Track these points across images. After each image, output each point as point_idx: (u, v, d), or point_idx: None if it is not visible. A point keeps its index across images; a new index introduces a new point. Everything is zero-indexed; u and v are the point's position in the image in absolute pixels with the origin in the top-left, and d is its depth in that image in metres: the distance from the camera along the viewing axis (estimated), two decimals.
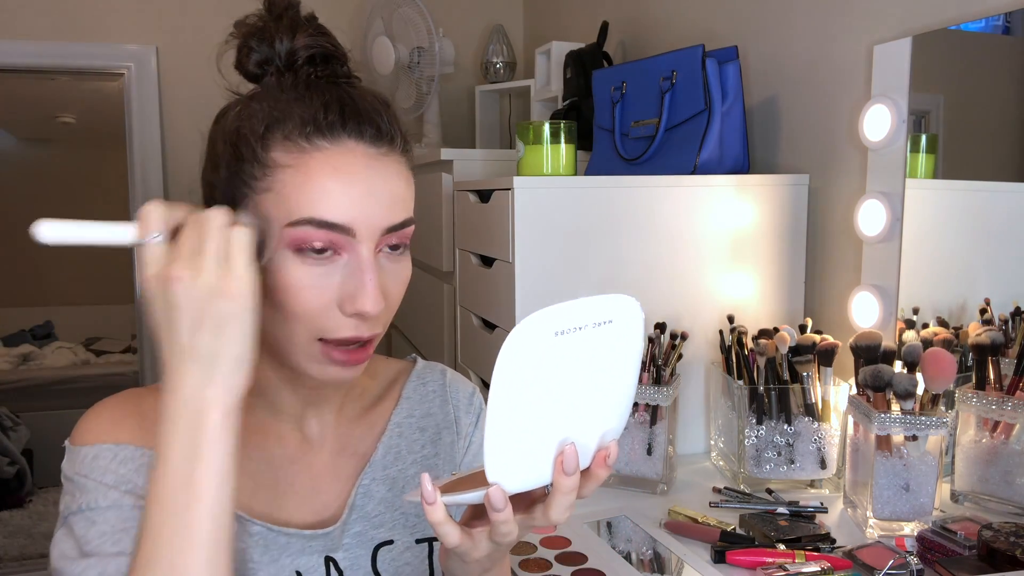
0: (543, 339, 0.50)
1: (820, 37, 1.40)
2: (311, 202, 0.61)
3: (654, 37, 2.00)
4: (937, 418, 0.97)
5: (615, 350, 0.54)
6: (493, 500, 0.52)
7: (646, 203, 1.31)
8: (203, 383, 0.56)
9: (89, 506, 0.64)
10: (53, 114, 4.62)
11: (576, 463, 0.53)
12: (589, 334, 0.52)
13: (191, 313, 0.56)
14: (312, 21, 0.69)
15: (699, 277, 1.35)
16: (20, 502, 3.51)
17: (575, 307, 0.51)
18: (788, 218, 1.39)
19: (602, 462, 0.56)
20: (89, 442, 0.67)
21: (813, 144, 1.42)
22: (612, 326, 0.53)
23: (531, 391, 0.50)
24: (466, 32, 2.88)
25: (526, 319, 0.50)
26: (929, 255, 1.22)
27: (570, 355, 0.51)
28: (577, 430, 0.54)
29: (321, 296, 0.63)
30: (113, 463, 0.66)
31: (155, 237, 0.58)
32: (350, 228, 0.62)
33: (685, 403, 1.34)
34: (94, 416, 0.69)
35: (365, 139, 0.65)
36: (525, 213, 1.27)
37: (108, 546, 0.62)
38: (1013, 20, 1.09)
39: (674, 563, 0.97)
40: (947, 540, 0.91)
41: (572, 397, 0.53)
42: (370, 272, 0.62)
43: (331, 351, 0.64)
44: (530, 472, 0.53)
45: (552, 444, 0.53)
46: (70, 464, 0.67)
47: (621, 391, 0.56)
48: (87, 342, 4.87)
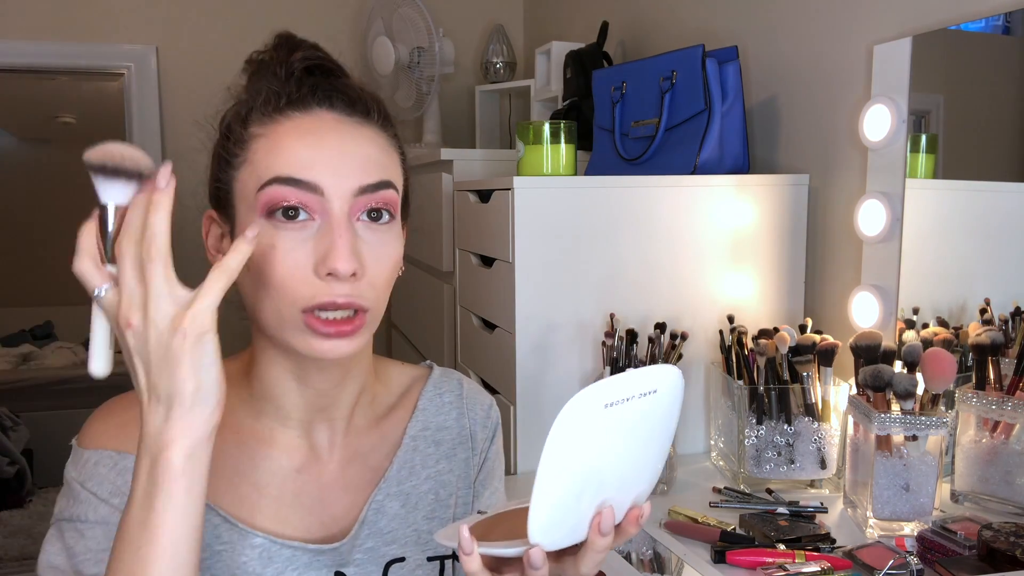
0: (594, 411, 0.52)
1: (820, 37, 1.40)
2: (280, 163, 0.63)
3: (654, 37, 2.00)
4: (937, 418, 0.97)
5: (657, 417, 0.57)
6: (534, 560, 0.54)
7: (646, 203, 1.31)
8: (162, 423, 0.56)
9: (80, 518, 0.65)
10: (53, 114, 4.62)
11: (612, 525, 0.56)
12: (635, 404, 0.54)
13: (144, 356, 0.56)
14: (311, 44, 0.71)
15: (699, 277, 1.35)
16: (20, 502, 3.50)
17: (625, 380, 0.54)
18: (788, 218, 1.39)
19: (635, 521, 0.58)
20: (93, 446, 0.67)
21: (813, 144, 1.42)
22: (656, 396, 0.56)
23: (579, 460, 0.53)
24: (466, 32, 2.88)
25: (581, 392, 0.52)
26: (929, 255, 1.22)
27: (616, 425, 0.54)
28: (616, 492, 0.56)
29: (296, 261, 0.62)
30: (111, 472, 0.65)
31: (99, 293, 0.58)
32: (317, 186, 0.62)
33: (685, 403, 1.33)
34: (102, 418, 0.69)
35: (336, 108, 0.66)
36: (525, 213, 1.27)
37: (90, 566, 0.63)
38: (1013, 20, 1.09)
39: (674, 563, 0.97)
40: (947, 540, 0.91)
41: (615, 463, 0.55)
42: (343, 231, 0.62)
43: (314, 322, 0.62)
44: (569, 532, 0.56)
45: (592, 506, 0.55)
46: (72, 466, 0.67)
47: (659, 455, 0.59)
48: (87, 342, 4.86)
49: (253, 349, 0.72)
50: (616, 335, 1.21)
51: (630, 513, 0.58)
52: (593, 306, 1.30)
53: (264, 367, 0.70)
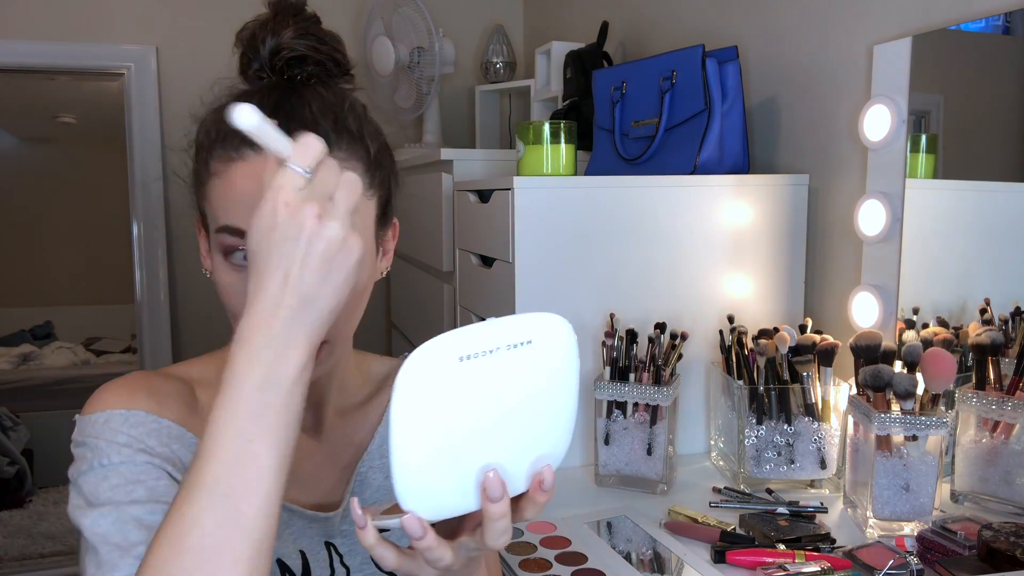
0: (445, 365, 0.48)
1: (820, 37, 1.40)
2: (227, 210, 0.64)
3: (654, 37, 2.00)
4: (937, 418, 0.97)
5: (541, 372, 0.53)
6: (408, 528, 0.51)
7: (646, 203, 1.31)
8: (295, 318, 0.53)
9: (100, 463, 0.64)
10: (53, 114, 4.61)
11: (501, 490, 0.52)
12: (503, 357, 0.50)
13: (308, 249, 0.52)
14: (303, 20, 0.69)
15: (699, 277, 1.35)
16: (20, 502, 3.50)
17: (483, 329, 0.50)
18: (788, 218, 1.39)
19: (538, 487, 0.55)
20: (100, 409, 0.67)
21: (813, 144, 1.42)
22: (532, 347, 0.52)
23: (437, 418, 0.49)
24: (466, 32, 2.88)
25: (424, 345, 0.48)
26: (929, 255, 1.22)
27: (483, 379, 0.50)
28: (502, 455, 0.52)
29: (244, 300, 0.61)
30: (124, 425, 0.66)
31: (304, 170, 0.54)
32: None
33: (685, 403, 1.34)
34: (105, 389, 0.69)
35: None
36: (525, 213, 1.27)
37: (121, 495, 0.62)
38: (1013, 20, 1.09)
39: (674, 563, 0.97)
40: (947, 540, 0.91)
41: (492, 422, 0.51)
42: None
43: None
44: (449, 499, 0.52)
45: (472, 470, 0.52)
46: (80, 431, 0.67)
47: (556, 413, 0.55)
48: (87, 342, 4.87)
49: None
50: (616, 335, 1.21)
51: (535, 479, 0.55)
52: (593, 306, 1.30)
53: None
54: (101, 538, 0.60)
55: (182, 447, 0.68)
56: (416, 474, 0.50)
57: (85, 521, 0.61)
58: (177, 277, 2.78)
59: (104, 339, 4.93)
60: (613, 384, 1.19)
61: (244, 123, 0.51)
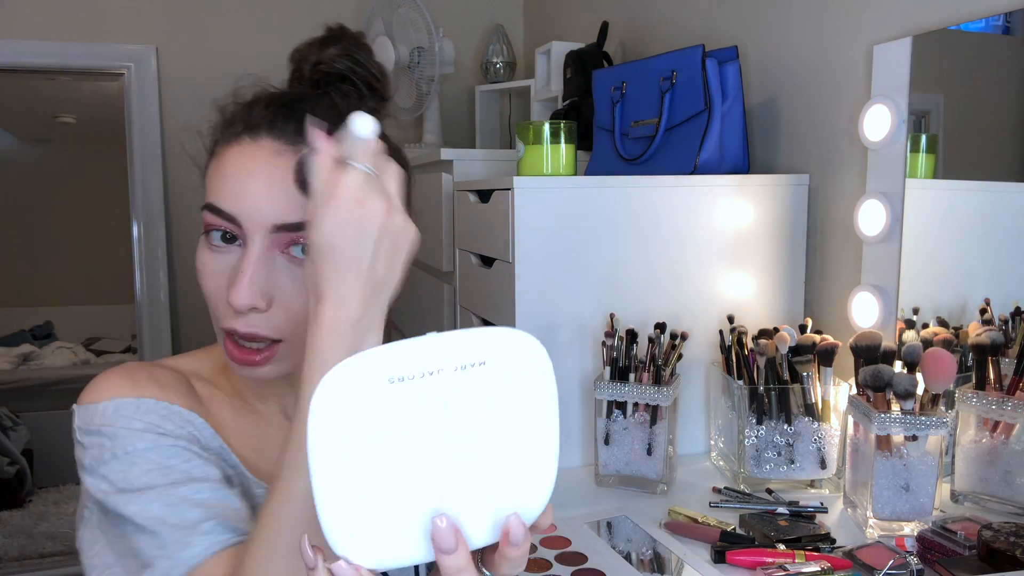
0: (369, 386, 0.42)
1: (820, 37, 1.40)
2: (213, 189, 0.66)
3: (654, 37, 2.00)
4: (937, 418, 0.97)
5: (500, 401, 0.44)
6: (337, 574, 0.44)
7: (646, 203, 1.31)
8: (371, 305, 0.57)
9: (125, 451, 0.64)
10: (53, 114, 4.61)
11: (452, 540, 0.43)
12: (448, 380, 0.43)
13: (379, 242, 0.57)
14: (350, 44, 0.72)
15: (699, 277, 1.35)
16: (20, 502, 3.50)
17: (419, 346, 0.43)
18: (788, 218, 1.39)
19: (506, 540, 0.45)
20: (106, 397, 0.67)
21: (813, 144, 1.42)
22: (486, 370, 0.44)
23: (362, 449, 0.42)
24: (466, 32, 2.88)
25: (345, 361, 0.42)
26: (929, 255, 1.22)
27: (421, 406, 0.43)
28: (456, 500, 0.44)
29: (217, 283, 0.66)
30: (137, 413, 0.66)
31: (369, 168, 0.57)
32: (235, 218, 0.64)
33: (685, 403, 1.34)
34: (106, 378, 0.69)
35: (283, 137, 0.67)
36: (525, 213, 1.27)
37: (158, 479, 0.63)
38: (1013, 20, 1.09)
39: (674, 563, 0.97)
40: (947, 540, 0.91)
41: (439, 459, 0.44)
42: (248, 265, 0.63)
43: (229, 345, 0.66)
44: (393, 547, 0.44)
45: (418, 516, 0.44)
46: (87, 420, 0.67)
47: (525, 453, 0.45)
48: (87, 342, 4.87)
49: None
50: (616, 335, 1.21)
51: (504, 529, 0.45)
52: (593, 306, 1.30)
53: None
54: (158, 521, 0.61)
55: (195, 430, 0.69)
56: (343, 514, 0.43)
57: (131, 508, 0.62)
58: (177, 277, 2.78)
59: (104, 339, 4.93)
60: (613, 384, 1.19)
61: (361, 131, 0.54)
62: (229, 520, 0.63)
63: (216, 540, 0.61)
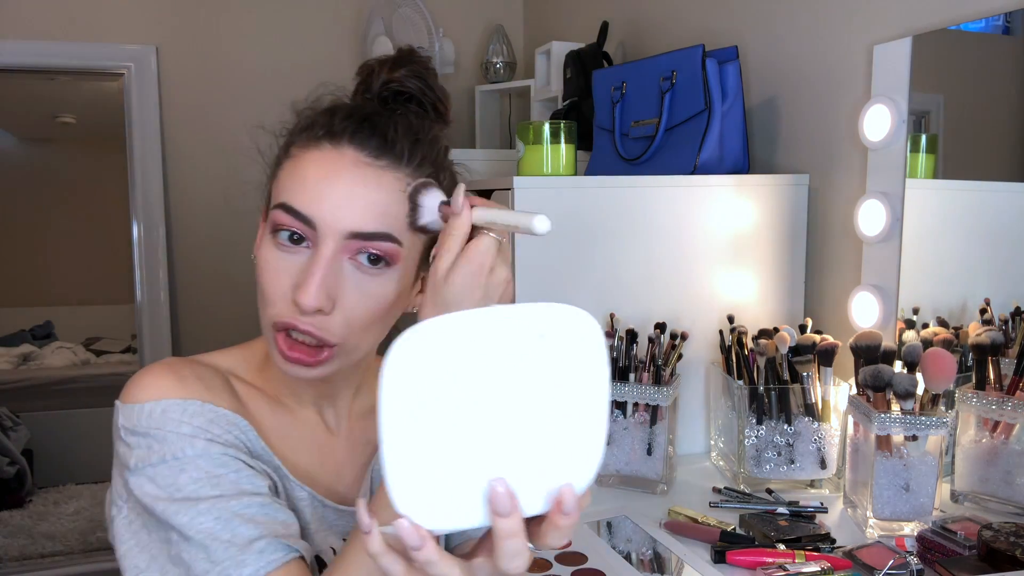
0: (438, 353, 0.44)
1: (820, 37, 1.39)
2: (289, 189, 0.67)
3: (654, 37, 1.99)
4: (937, 418, 0.97)
5: (557, 374, 0.47)
6: (403, 535, 0.46)
7: (646, 203, 1.31)
8: None
9: (175, 456, 0.64)
10: (53, 114, 4.61)
11: (509, 504, 0.46)
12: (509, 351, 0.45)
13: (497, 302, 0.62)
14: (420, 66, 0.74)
15: (699, 277, 1.35)
16: (20, 502, 3.50)
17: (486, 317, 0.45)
18: (788, 218, 1.39)
19: (558, 509, 0.48)
20: (154, 397, 0.67)
21: (813, 144, 1.42)
22: (545, 343, 0.46)
23: (430, 413, 0.45)
24: (466, 32, 2.88)
25: (416, 327, 0.44)
26: (929, 255, 1.22)
27: (484, 374, 0.45)
28: (513, 467, 0.47)
29: (280, 279, 0.66)
30: (185, 415, 0.66)
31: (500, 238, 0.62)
32: (311, 220, 0.65)
33: (685, 403, 1.34)
34: (152, 375, 0.68)
35: (366, 148, 0.68)
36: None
37: (207, 490, 0.63)
38: (1013, 20, 1.09)
39: (674, 563, 0.97)
40: (947, 540, 0.91)
41: (498, 427, 0.46)
42: (319, 267, 0.65)
43: (281, 341, 0.67)
44: (452, 509, 0.46)
45: (478, 480, 0.46)
46: (134, 419, 0.66)
47: (578, 426, 0.48)
48: (87, 342, 4.87)
49: None
50: (616, 335, 1.21)
51: (555, 499, 0.48)
52: (593, 306, 1.30)
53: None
54: (208, 535, 0.62)
55: (240, 433, 0.70)
56: (408, 474, 0.45)
57: (180, 518, 0.62)
58: (177, 277, 2.78)
59: (104, 339, 4.93)
60: (613, 384, 1.19)
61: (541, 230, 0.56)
62: (280, 536, 0.63)
63: (270, 559, 0.62)
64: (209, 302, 2.74)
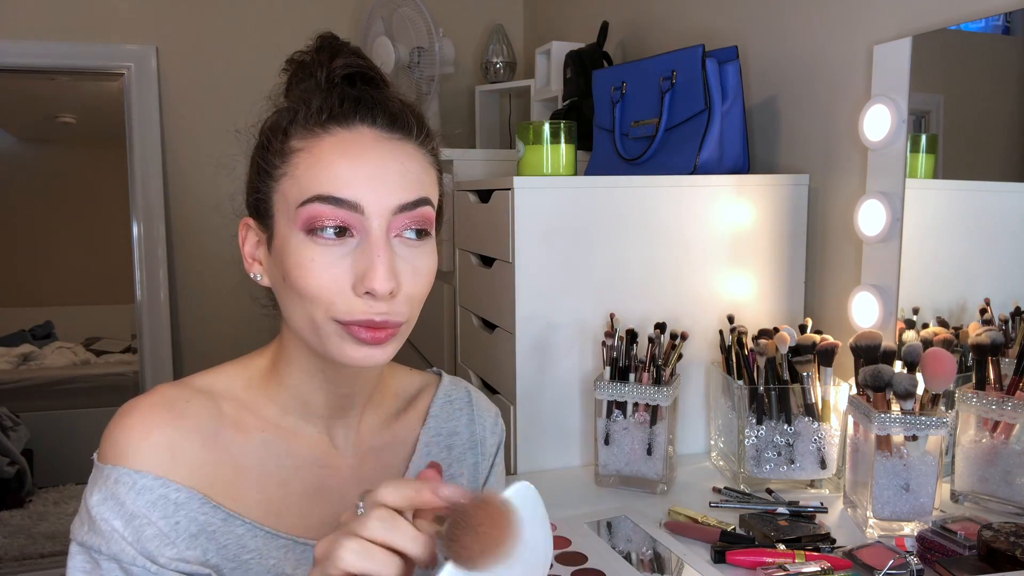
0: None
1: (820, 37, 1.40)
2: (320, 180, 0.64)
3: (654, 37, 2.00)
4: (937, 418, 0.97)
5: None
6: None
7: (646, 203, 1.31)
8: None
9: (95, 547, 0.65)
10: (53, 114, 4.61)
11: None
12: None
13: None
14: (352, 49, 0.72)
15: (699, 277, 1.35)
16: (20, 502, 3.50)
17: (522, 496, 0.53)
18: (788, 218, 1.39)
19: None
20: (113, 460, 0.66)
21: (813, 144, 1.42)
22: None
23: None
24: (466, 32, 2.88)
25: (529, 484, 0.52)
26: (929, 255, 1.22)
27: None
28: None
29: (333, 277, 0.63)
30: (131, 493, 0.65)
31: None
32: (358, 204, 0.63)
33: (685, 403, 1.34)
34: (123, 429, 0.67)
35: (377, 124, 0.67)
36: (525, 213, 1.26)
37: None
38: (1013, 20, 1.09)
39: (674, 563, 0.97)
40: (947, 540, 0.91)
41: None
42: (381, 250, 0.63)
43: (351, 328, 0.64)
44: None
45: None
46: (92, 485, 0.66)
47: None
48: (87, 342, 4.87)
49: (282, 347, 0.73)
50: (616, 335, 1.21)
51: None
52: (593, 306, 1.30)
53: (292, 366, 0.72)
54: None
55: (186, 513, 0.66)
56: None
57: None
58: (177, 277, 2.78)
59: (104, 339, 4.93)
60: (613, 384, 1.19)
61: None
62: None
63: None
64: (209, 302, 2.74)
